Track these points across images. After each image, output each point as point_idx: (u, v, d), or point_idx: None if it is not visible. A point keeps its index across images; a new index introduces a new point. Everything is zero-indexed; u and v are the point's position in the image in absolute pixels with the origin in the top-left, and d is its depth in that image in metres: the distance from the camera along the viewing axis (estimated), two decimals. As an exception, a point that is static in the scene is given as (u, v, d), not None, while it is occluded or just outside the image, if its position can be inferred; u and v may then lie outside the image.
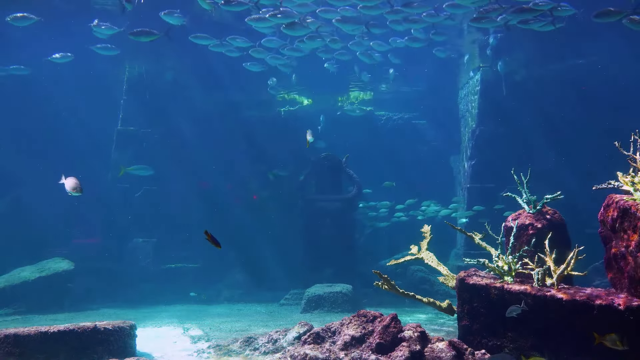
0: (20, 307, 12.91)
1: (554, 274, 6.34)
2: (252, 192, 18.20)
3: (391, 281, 7.21)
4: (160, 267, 15.98)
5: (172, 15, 12.70)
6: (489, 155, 15.69)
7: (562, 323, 5.92)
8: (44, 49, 16.15)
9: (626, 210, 5.89)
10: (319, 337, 7.20)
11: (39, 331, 6.97)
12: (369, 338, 6.74)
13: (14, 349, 6.83)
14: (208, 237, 5.39)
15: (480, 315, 6.58)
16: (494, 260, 6.81)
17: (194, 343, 9.10)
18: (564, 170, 14.57)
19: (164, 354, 8.32)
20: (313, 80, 19.14)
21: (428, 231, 8.32)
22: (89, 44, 14.26)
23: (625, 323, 5.49)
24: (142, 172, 15.18)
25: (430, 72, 19.01)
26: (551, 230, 7.10)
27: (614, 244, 6.18)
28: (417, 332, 6.50)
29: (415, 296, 7.33)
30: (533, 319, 6.11)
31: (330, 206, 16.22)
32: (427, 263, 8.08)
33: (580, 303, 5.81)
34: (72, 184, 8.01)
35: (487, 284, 6.54)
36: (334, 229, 15.95)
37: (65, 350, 6.99)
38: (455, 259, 15.64)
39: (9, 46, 16.82)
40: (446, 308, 7.41)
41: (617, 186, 6.30)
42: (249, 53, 14.55)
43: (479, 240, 7.78)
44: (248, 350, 8.11)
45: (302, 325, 8.19)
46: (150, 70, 17.26)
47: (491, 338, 6.47)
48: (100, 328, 7.22)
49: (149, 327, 10.81)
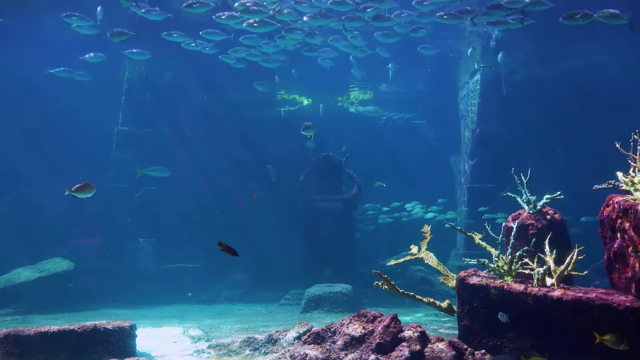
0: (20, 307, 12.91)
1: (554, 274, 6.34)
2: (251, 192, 18.21)
3: (391, 281, 7.21)
4: (160, 267, 15.98)
5: (150, 13, 12.72)
6: (489, 155, 15.70)
7: (562, 323, 5.92)
8: (45, 49, 16.23)
9: (626, 210, 5.89)
10: (319, 337, 7.20)
11: (39, 331, 6.98)
12: (369, 338, 6.74)
13: (14, 349, 6.84)
14: (223, 248, 5.35)
15: (480, 315, 6.58)
16: (494, 260, 6.81)
17: (193, 343, 9.10)
18: (564, 170, 14.59)
19: (164, 354, 8.31)
20: (313, 80, 19.14)
21: (428, 231, 8.31)
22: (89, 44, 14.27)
23: (625, 323, 5.49)
24: (158, 173, 15.18)
25: (430, 72, 19.00)
26: (551, 230, 7.10)
27: (614, 244, 6.18)
28: (417, 332, 6.50)
29: (415, 296, 7.33)
30: (533, 319, 6.12)
31: (330, 206, 16.23)
32: (427, 263, 8.08)
33: (580, 303, 5.81)
34: (85, 188, 8.02)
35: (487, 284, 6.54)
36: (334, 229, 15.95)
37: (65, 350, 6.99)
38: (455, 259, 15.64)
39: (9, 47, 16.86)
40: (446, 308, 7.41)
41: (617, 186, 6.30)
42: (230, 53, 14.50)
43: (479, 240, 7.77)
44: (248, 350, 8.11)
45: (302, 325, 8.19)
46: (150, 70, 17.26)
47: (491, 338, 6.47)
48: (100, 328, 7.22)
49: (149, 327, 10.80)
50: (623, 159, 6.31)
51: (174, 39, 13.82)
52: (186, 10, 12.46)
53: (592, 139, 14.33)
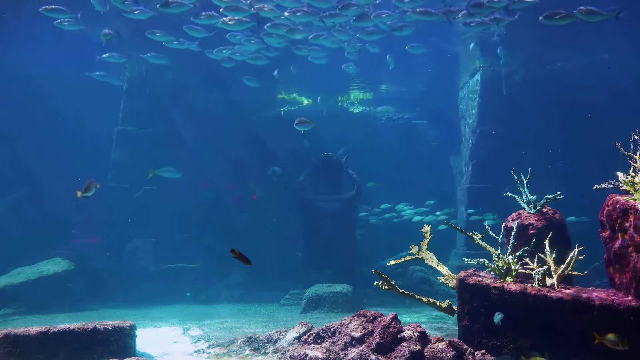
0: (20, 307, 12.89)
1: (554, 274, 6.34)
2: (251, 192, 18.20)
3: (391, 281, 7.21)
4: (160, 267, 15.96)
5: (133, 13, 12.72)
6: (489, 155, 15.68)
7: (562, 323, 5.93)
8: (44, 49, 16.23)
9: (626, 210, 5.89)
10: (319, 337, 7.20)
11: (39, 331, 6.97)
12: (369, 338, 6.74)
13: (14, 349, 6.83)
14: (236, 255, 5.35)
15: (481, 315, 6.58)
16: (494, 260, 6.81)
17: (193, 343, 9.10)
18: (564, 170, 14.59)
19: (164, 354, 8.31)
20: (313, 80, 19.14)
21: (428, 231, 8.32)
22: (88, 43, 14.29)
23: (625, 323, 5.50)
24: (170, 174, 15.18)
25: (430, 72, 19.01)
26: (551, 230, 7.11)
27: (614, 244, 6.18)
28: (417, 332, 6.50)
29: (415, 296, 7.33)
30: (533, 319, 6.12)
31: (330, 206, 16.23)
32: (427, 263, 8.09)
33: (580, 303, 5.81)
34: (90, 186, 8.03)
35: (487, 284, 6.54)
36: (333, 229, 15.95)
37: (65, 350, 6.99)
38: (455, 259, 15.63)
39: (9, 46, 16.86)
40: (446, 308, 7.41)
41: (617, 186, 6.30)
42: (223, 52, 14.54)
43: (479, 240, 7.78)
44: (248, 350, 8.11)
45: (302, 325, 8.19)
46: (150, 70, 17.27)
47: (491, 338, 6.47)
48: (100, 328, 7.22)
49: (149, 327, 10.81)
50: (623, 159, 6.31)
51: (157, 38, 13.82)
52: (162, 10, 12.42)
53: (592, 139, 14.33)
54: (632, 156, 6.19)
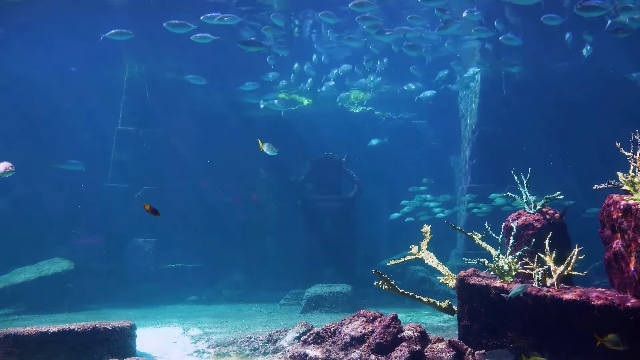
0: (20, 307, 12.90)
1: (554, 274, 6.34)
2: (252, 192, 18.19)
3: (391, 281, 7.20)
4: (160, 267, 15.96)
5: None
6: (489, 155, 15.69)
7: (562, 323, 5.92)
8: (45, 49, 16.20)
9: (626, 210, 5.89)
10: (319, 337, 7.19)
11: (39, 331, 6.97)
12: (369, 338, 6.73)
13: (14, 349, 6.83)
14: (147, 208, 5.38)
15: (480, 315, 6.58)
16: (494, 260, 6.81)
17: (193, 343, 9.10)
18: (565, 170, 14.59)
19: (164, 354, 8.31)
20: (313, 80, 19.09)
21: (428, 231, 8.31)
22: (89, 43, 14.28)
23: (625, 323, 5.49)
24: (72, 167, 15.60)
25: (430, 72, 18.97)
26: (551, 230, 7.10)
27: (614, 244, 6.18)
28: (417, 332, 6.50)
29: (415, 296, 7.32)
30: (533, 319, 6.12)
31: (330, 206, 16.22)
32: (427, 263, 8.07)
33: (580, 303, 5.81)
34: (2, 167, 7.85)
35: (487, 284, 6.54)
36: (334, 229, 15.95)
37: (65, 350, 6.99)
38: (455, 259, 15.63)
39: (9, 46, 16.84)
40: (446, 308, 7.40)
41: (617, 186, 6.30)
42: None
43: (479, 240, 7.77)
44: (248, 350, 8.11)
45: (302, 325, 8.19)
46: (150, 70, 17.25)
47: (491, 338, 6.47)
48: (101, 328, 7.22)
49: (149, 327, 10.80)
50: (623, 159, 6.31)
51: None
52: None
53: (592, 139, 14.33)
54: (632, 156, 6.19)
